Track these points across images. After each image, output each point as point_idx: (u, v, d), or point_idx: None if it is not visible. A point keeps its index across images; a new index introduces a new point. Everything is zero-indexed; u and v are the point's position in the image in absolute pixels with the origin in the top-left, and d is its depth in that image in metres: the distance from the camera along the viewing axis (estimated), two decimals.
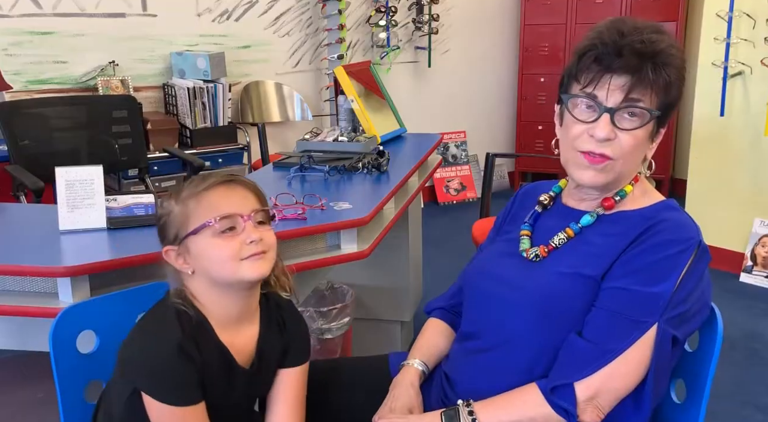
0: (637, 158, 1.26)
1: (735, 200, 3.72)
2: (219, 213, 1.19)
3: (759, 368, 2.83)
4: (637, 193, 1.29)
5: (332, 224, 1.84)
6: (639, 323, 1.14)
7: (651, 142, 1.26)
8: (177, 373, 1.17)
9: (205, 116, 3.81)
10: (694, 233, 1.20)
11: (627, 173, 1.27)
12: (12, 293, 1.59)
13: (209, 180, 1.24)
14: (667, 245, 1.18)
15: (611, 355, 1.14)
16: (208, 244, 1.20)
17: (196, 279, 1.24)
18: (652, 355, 1.15)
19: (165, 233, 1.25)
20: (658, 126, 1.25)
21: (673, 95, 1.22)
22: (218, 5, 4.12)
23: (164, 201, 1.28)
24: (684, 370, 1.32)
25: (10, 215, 2.06)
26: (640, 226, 1.21)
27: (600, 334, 1.16)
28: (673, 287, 1.15)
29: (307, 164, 2.31)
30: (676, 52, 1.20)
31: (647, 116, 1.20)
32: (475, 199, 5.26)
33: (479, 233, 2.94)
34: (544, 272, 1.27)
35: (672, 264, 1.17)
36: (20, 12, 3.55)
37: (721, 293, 3.54)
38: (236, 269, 1.20)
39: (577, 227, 1.28)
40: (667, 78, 1.19)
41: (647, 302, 1.15)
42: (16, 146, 3.06)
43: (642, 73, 1.18)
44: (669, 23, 4.76)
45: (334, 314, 2.59)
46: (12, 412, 2.46)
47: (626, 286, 1.17)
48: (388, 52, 4.77)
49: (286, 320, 1.36)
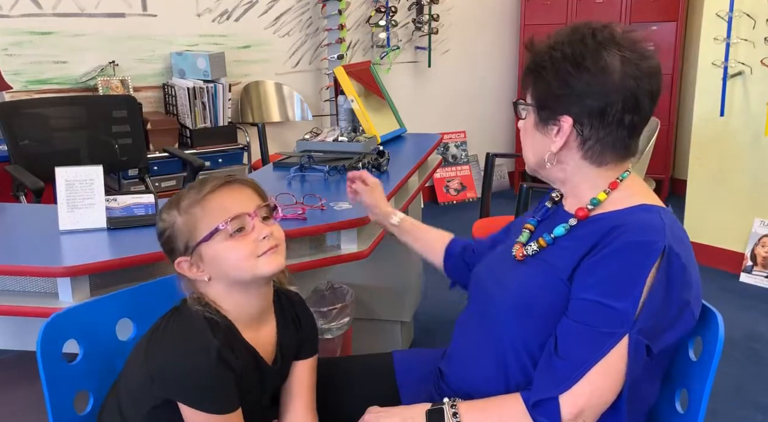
0: (533, 146, 1.30)
1: (735, 200, 3.72)
2: (228, 215, 1.20)
3: (759, 368, 2.83)
4: (618, 196, 1.26)
5: (332, 224, 1.84)
6: (610, 334, 1.14)
7: (543, 135, 1.27)
8: (219, 381, 1.17)
9: (205, 116, 3.81)
10: (657, 236, 1.16)
11: (539, 163, 1.30)
12: (12, 293, 1.59)
13: (208, 184, 1.23)
14: (627, 250, 1.16)
15: (585, 368, 1.14)
16: (223, 247, 1.20)
17: (214, 285, 1.24)
18: (627, 366, 1.14)
19: (172, 245, 1.24)
20: (545, 120, 1.26)
21: (542, 93, 1.25)
22: (218, 5, 4.12)
23: (163, 214, 1.25)
24: (685, 378, 1.31)
25: (10, 215, 2.06)
26: (604, 229, 1.21)
27: (573, 347, 1.16)
28: (639, 299, 1.14)
29: (307, 164, 2.31)
30: (546, 54, 1.24)
31: (520, 106, 1.31)
32: (475, 199, 5.26)
33: (479, 233, 2.94)
34: (520, 274, 1.29)
35: (636, 273, 1.15)
36: (20, 12, 3.55)
37: (721, 294, 3.54)
38: (254, 266, 1.21)
39: (549, 238, 1.29)
40: (532, 75, 1.26)
41: (616, 315, 1.14)
42: (16, 146, 3.06)
43: (524, 69, 1.30)
44: (669, 23, 4.76)
45: (334, 315, 2.59)
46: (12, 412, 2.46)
47: (594, 298, 1.16)
48: (388, 52, 4.77)
49: (299, 315, 1.38)
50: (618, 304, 1.14)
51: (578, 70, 1.20)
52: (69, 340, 1.33)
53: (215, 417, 1.18)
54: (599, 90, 1.20)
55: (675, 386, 1.33)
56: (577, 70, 1.20)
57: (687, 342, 1.31)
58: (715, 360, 1.23)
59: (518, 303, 1.26)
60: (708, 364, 1.24)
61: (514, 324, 1.25)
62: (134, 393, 1.26)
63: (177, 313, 1.26)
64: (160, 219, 1.26)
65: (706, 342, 1.28)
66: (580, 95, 1.21)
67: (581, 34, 1.23)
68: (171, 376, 1.18)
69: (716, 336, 1.24)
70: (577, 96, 1.21)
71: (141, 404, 1.23)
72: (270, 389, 1.35)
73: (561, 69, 1.22)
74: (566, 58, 1.21)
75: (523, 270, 1.30)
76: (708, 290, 3.76)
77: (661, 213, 1.22)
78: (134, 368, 1.27)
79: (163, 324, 1.25)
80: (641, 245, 1.16)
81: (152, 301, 1.38)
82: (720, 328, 1.25)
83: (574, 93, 1.21)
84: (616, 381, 1.15)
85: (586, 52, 1.21)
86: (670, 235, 1.17)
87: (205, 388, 1.17)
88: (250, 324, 1.27)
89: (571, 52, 1.21)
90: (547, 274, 1.24)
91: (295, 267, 1.78)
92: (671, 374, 1.33)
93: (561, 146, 1.25)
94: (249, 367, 1.25)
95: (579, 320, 1.17)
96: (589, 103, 1.21)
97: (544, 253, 1.29)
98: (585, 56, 1.20)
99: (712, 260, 3.81)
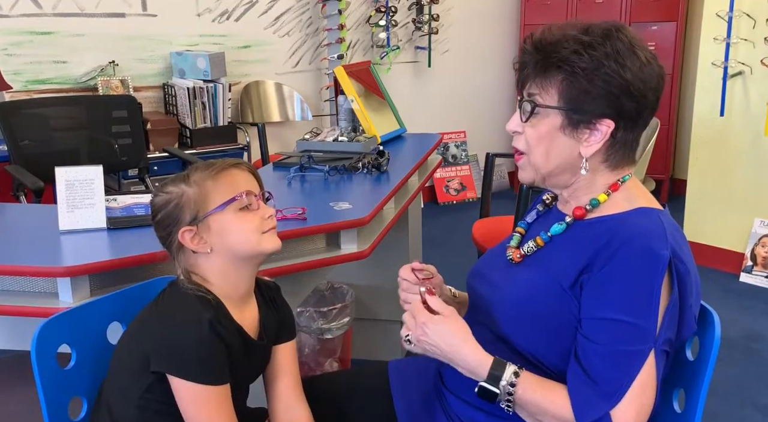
0: (549, 151, 1.22)
1: (735, 200, 3.72)
2: (239, 189, 1.27)
3: (759, 368, 2.83)
4: (618, 198, 1.24)
5: (332, 224, 1.84)
6: (638, 352, 1.12)
7: (570, 138, 1.20)
8: (211, 353, 1.21)
9: (205, 116, 3.81)
10: (661, 243, 1.14)
11: (554, 170, 1.23)
12: (12, 293, 1.59)
13: (218, 163, 1.30)
14: (636, 262, 1.13)
15: (624, 389, 1.11)
16: (233, 218, 1.27)
17: (212, 259, 1.28)
18: (657, 378, 1.14)
19: (178, 215, 1.27)
20: (576, 123, 1.19)
21: (577, 93, 1.17)
22: (218, 5, 4.12)
23: (168, 187, 1.30)
24: (682, 378, 1.31)
25: (10, 215, 2.06)
26: (604, 235, 1.18)
27: (604, 370, 1.13)
28: (657, 311, 1.13)
29: (307, 164, 2.31)
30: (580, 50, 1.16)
31: (539, 108, 1.20)
32: (475, 199, 5.26)
33: (479, 233, 2.94)
34: (517, 276, 1.28)
35: (650, 286, 1.13)
36: (20, 12, 3.55)
37: (721, 293, 3.54)
38: (258, 241, 1.28)
39: (546, 237, 1.27)
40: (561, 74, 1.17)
41: (639, 332, 1.12)
42: (16, 146, 3.06)
43: (532, 68, 1.20)
44: (669, 23, 4.76)
45: (334, 315, 2.59)
46: (12, 412, 2.46)
47: (614, 316, 1.13)
48: (388, 52, 4.77)
49: (276, 299, 1.44)
50: (639, 321, 1.12)
51: (621, 68, 1.15)
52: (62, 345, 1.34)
53: (207, 388, 1.21)
54: (638, 90, 1.17)
55: (673, 386, 1.33)
56: (620, 69, 1.15)
57: (684, 342, 1.31)
58: (711, 360, 1.23)
59: (516, 306, 1.24)
60: (705, 364, 1.24)
61: (513, 327, 1.24)
62: (124, 384, 1.27)
63: (167, 293, 1.30)
64: (164, 192, 1.30)
65: (703, 342, 1.28)
66: (620, 96, 1.17)
67: (612, 33, 1.18)
68: (166, 350, 1.21)
69: (713, 336, 1.24)
70: (617, 97, 1.17)
71: (131, 394, 1.25)
72: (255, 367, 1.39)
73: (603, 67, 1.15)
74: (608, 56, 1.15)
75: (520, 272, 1.28)
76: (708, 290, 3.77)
77: (660, 217, 1.21)
78: (124, 356, 1.29)
79: (154, 306, 1.30)
80: (648, 255, 1.13)
81: (143, 304, 1.38)
82: (716, 328, 1.24)
83: (615, 94, 1.16)
84: (653, 394, 1.14)
85: (626, 50, 1.16)
86: (672, 240, 1.16)
87: (198, 359, 1.21)
88: (236, 303, 1.31)
89: (613, 51, 1.16)
90: (546, 278, 1.22)
91: (295, 267, 1.78)
92: (669, 374, 1.33)
93: (595, 151, 1.19)
94: (237, 343, 1.28)
95: (602, 341, 1.13)
96: (629, 105, 1.17)
97: (542, 253, 1.27)
98: (625, 54, 1.16)
99: (712, 260, 3.81)
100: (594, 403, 1.12)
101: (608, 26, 1.20)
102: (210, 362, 1.21)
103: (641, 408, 1.12)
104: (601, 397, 1.12)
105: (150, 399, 1.24)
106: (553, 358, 1.21)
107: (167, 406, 1.23)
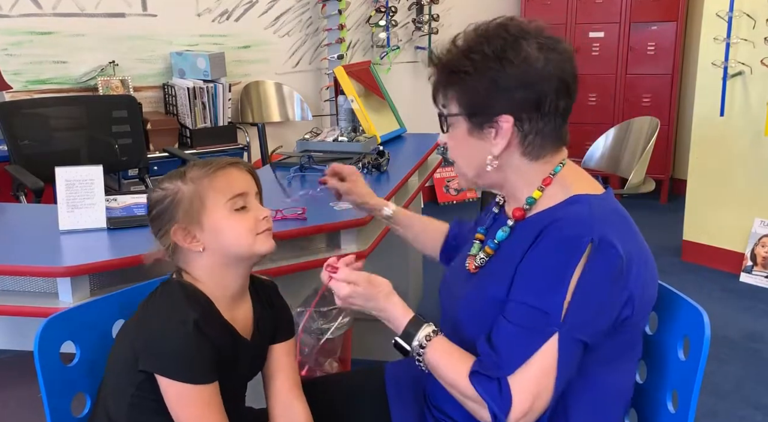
0: (468, 156, 1.26)
1: (735, 200, 3.72)
2: (236, 190, 1.26)
3: (759, 368, 2.83)
4: (552, 191, 1.24)
5: (332, 224, 1.84)
6: (538, 333, 1.13)
7: (480, 140, 1.23)
8: (195, 351, 1.20)
9: (205, 116, 3.81)
10: (583, 229, 1.14)
11: (477, 173, 1.26)
12: (12, 293, 1.59)
13: (215, 162, 1.29)
14: (552, 249, 1.15)
15: (518, 362, 1.13)
16: (227, 219, 1.25)
17: (204, 257, 1.27)
18: (557, 363, 1.13)
19: (173, 212, 1.26)
20: (479, 125, 1.22)
21: (471, 97, 1.21)
22: (218, 5, 4.12)
23: (164, 183, 1.28)
24: (675, 378, 1.31)
25: (10, 215, 2.06)
26: (535, 231, 1.19)
27: (506, 346, 1.15)
28: (564, 296, 1.12)
29: (307, 164, 2.31)
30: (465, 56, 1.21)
31: (445, 118, 1.26)
32: (475, 199, 5.26)
33: None
34: (471, 290, 1.28)
35: (561, 270, 1.13)
36: (20, 12, 3.55)
37: (721, 294, 3.54)
38: (252, 242, 1.27)
39: (494, 244, 1.28)
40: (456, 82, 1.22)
41: (542, 315, 1.13)
42: (16, 146, 3.06)
43: (434, 82, 1.28)
44: (669, 23, 4.76)
45: (334, 314, 2.58)
46: (12, 412, 2.46)
47: (522, 299, 1.15)
48: (388, 52, 4.77)
49: (272, 298, 1.43)
50: (543, 304, 1.13)
51: (502, 65, 1.18)
52: (66, 342, 1.33)
53: (192, 387, 1.20)
54: (529, 80, 1.18)
55: (666, 387, 1.33)
56: (502, 65, 1.18)
57: (676, 342, 1.31)
58: (702, 359, 1.23)
59: (471, 318, 1.25)
60: (696, 364, 1.24)
61: (475, 335, 1.22)
62: (117, 381, 1.28)
63: (158, 292, 1.30)
64: (160, 188, 1.28)
65: (693, 341, 1.27)
66: (510, 90, 1.18)
67: (493, 31, 1.22)
68: (152, 349, 1.21)
69: (703, 335, 1.23)
70: (508, 92, 1.19)
71: (124, 392, 1.25)
72: (248, 366, 1.37)
73: (486, 68, 1.19)
74: (487, 56, 1.19)
75: (473, 285, 1.29)
76: (708, 290, 3.78)
77: (591, 203, 1.20)
78: (118, 354, 1.29)
79: (145, 304, 1.30)
80: (566, 240, 1.14)
81: None
82: (706, 327, 1.24)
83: (504, 89, 1.19)
84: (553, 380, 1.13)
85: (506, 45, 1.19)
86: (601, 225, 1.15)
87: (183, 358, 1.20)
88: (227, 302, 1.30)
89: (491, 50, 1.19)
90: (495, 291, 1.21)
91: (295, 267, 1.79)
92: (661, 375, 1.33)
93: (504, 147, 1.22)
94: (227, 343, 1.27)
95: (511, 320, 1.16)
96: (523, 97, 1.19)
97: (493, 263, 1.27)
98: (505, 49, 1.18)
99: (712, 260, 3.81)
100: (488, 366, 1.15)
101: (495, 25, 1.24)
102: (195, 361, 1.21)
103: (542, 391, 1.13)
104: (496, 365, 1.14)
105: (142, 396, 1.24)
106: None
107: (159, 404, 1.23)
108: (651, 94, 4.90)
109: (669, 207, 4.91)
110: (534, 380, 1.13)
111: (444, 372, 1.20)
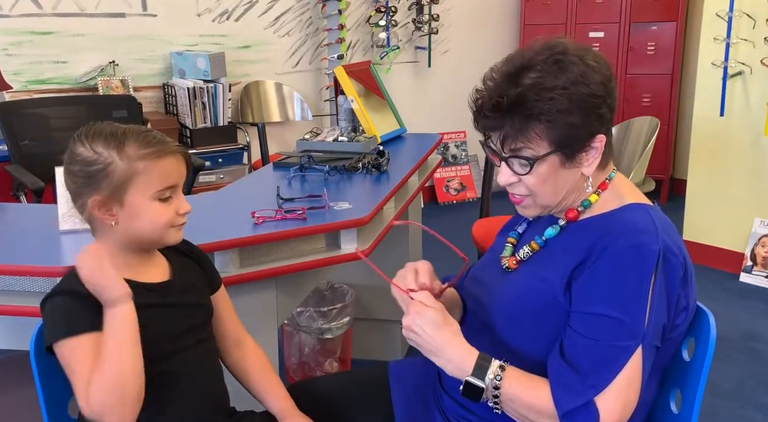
0: (557, 187, 1.23)
1: (735, 200, 3.72)
2: (169, 182, 1.25)
3: (759, 368, 2.83)
4: (607, 197, 1.26)
5: (332, 224, 1.84)
6: (624, 348, 1.13)
7: (572, 168, 1.22)
8: (65, 309, 1.17)
9: (205, 116, 3.81)
10: (651, 237, 1.15)
11: (564, 199, 1.25)
12: (12, 293, 1.59)
13: (156, 145, 1.25)
14: (626, 257, 1.14)
15: (607, 381, 1.12)
16: (149, 205, 1.24)
17: (115, 231, 1.25)
18: (642, 374, 1.14)
19: (98, 183, 1.22)
20: (574, 154, 1.21)
21: (564, 131, 1.18)
22: (218, 5, 4.12)
23: (98, 146, 1.23)
24: (679, 378, 1.31)
25: (10, 215, 2.06)
26: (594, 234, 1.19)
27: (589, 364, 1.13)
28: (646, 307, 1.13)
29: (307, 164, 2.31)
30: (549, 95, 1.16)
31: (533, 161, 1.20)
32: (475, 199, 5.26)
33: (479, 233, 2.94)
34: (513, 283, 1.28)
35: (639, 281, 1.13)
36: (20, 12, 3.55)
37: (721, 294, 3.54)
38: (164, 233, 1.27)
39: (541, 241, 1.28)
40: (542, 123, 1.17)
41: (627, 328, 1.13)
42: (16, 145, 3.06)
43: (507, 129, 1.20)
44: (669, 23, 4.76)
45: (334, 314, 2.59)
46: (12, 412, 2.46)
47: (602, 311, 1.14)
48: (388, 52, 4.77)
49: (189, 249, 1.42)
50: (627, 317, 1.12)
51: (588, 86, 1.18)
52: None
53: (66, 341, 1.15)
54: (608, 93, 1.21)
55: (669, 387, 1.33)
56: (588, 87, 1.18)
57: (680, 342, 1.31)
58: (707, 360, 1.23)
59: (513, 308, 1.25)
60: (701, 364, 1.24)
61: (510, 329, 1.24)
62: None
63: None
64: (92, 150, 1.23)
65: (698, 342, 1.27)
66: (598, 109, 1.20)
67: (556, 59, 1.19)
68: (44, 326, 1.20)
69: (708, 336, 1.24)
70: (596, 112, 1.19)
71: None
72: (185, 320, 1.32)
73: (575, 96, 1.17)
74: (574, 83, 1.17)
75: (516, 277, 1.29)
76: (708, 290, 3.77)
77: (650, 211, 1.22)
78: None
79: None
80: (638, 249, 1.14)
81: None
82: (712, 328, 1.24)
83: (595, 112, 1.19)
84: (638, 390, 1.14)
85: (580, 67, 1.18)
86: (663, 233, 1.17)
87: (54, 318, 1.18)
88: (129, 268, 1.26)
89: (572, 76, 1.17)
90: (542, 280, 1.22)
91: (295, 267, 1.78)
92: (666, 375, 1.33)
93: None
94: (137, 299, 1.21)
95: (589, 335, 1.14)
96: (607, 111, 1.21)
97: (537, 257, 1.28)
98: (583, 73, 1.18)
99: (712, 260, 3.81)
100: (577, 391, 1.12)
101: (551, 53, 1.20)
102: (62, 317, 1.17)
103: (627, 404, 1.13)
104: (584, 386, 1.12)
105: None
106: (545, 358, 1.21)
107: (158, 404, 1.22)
108: (651, 94, 4.90)
109: (669, 207, 4.91)
110: (621, 396, 1.12)
111: (528, 400, 1.16)
